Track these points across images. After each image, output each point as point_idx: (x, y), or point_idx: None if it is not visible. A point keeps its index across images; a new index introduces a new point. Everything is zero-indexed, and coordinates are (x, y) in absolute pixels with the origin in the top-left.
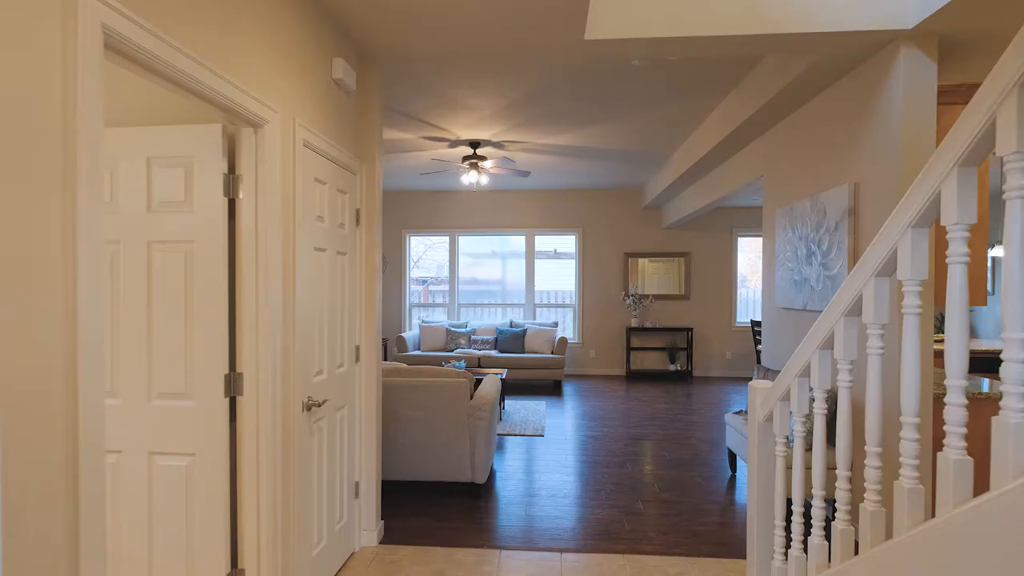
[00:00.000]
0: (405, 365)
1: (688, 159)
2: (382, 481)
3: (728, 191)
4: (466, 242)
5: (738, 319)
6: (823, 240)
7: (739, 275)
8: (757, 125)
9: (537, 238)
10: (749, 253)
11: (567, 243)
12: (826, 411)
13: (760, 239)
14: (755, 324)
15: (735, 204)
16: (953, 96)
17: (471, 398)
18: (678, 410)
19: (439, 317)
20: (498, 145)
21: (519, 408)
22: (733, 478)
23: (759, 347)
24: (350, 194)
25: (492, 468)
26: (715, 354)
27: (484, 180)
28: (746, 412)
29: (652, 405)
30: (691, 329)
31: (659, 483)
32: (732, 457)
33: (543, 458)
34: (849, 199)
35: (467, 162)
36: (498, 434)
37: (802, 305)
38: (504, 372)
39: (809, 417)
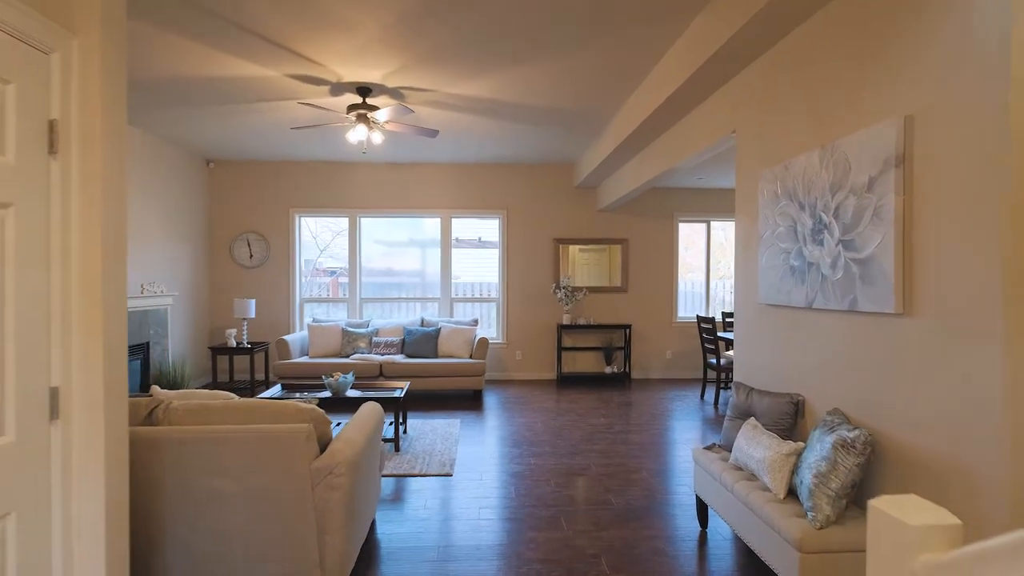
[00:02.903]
0: (224, 396)
1: (634, 119)
2: None
3: (683, 159)
4: (379, 227)
5: (679, 313)
6: (844, 207)
7: (679, 264)
8: (732, 59)
9: (455, 221)
10: (687, 240)
11: (491, 229)
12: None
13: (703, 225)
14: (702, 320)
15: (676, 185)
16: None
17: (321, 452)
18: (619, 427)
19: (340, 314)
20: (395, 93)
21: (426, 431)
22: (705, 536)
23: (728, 352)
24: (23, 86)
25: (375, 538)
26: (655, 353)
27: (378, 138)
28: (718, 446)
29: (588, 420)
30: (629, 326)
31: (608, 555)
32: (702, 508)
33: (448, 517)
34: (897, 142)
35: (354, 112)
36: (393, 475)
37: (805, 301)
38: (403, 388)
39: None
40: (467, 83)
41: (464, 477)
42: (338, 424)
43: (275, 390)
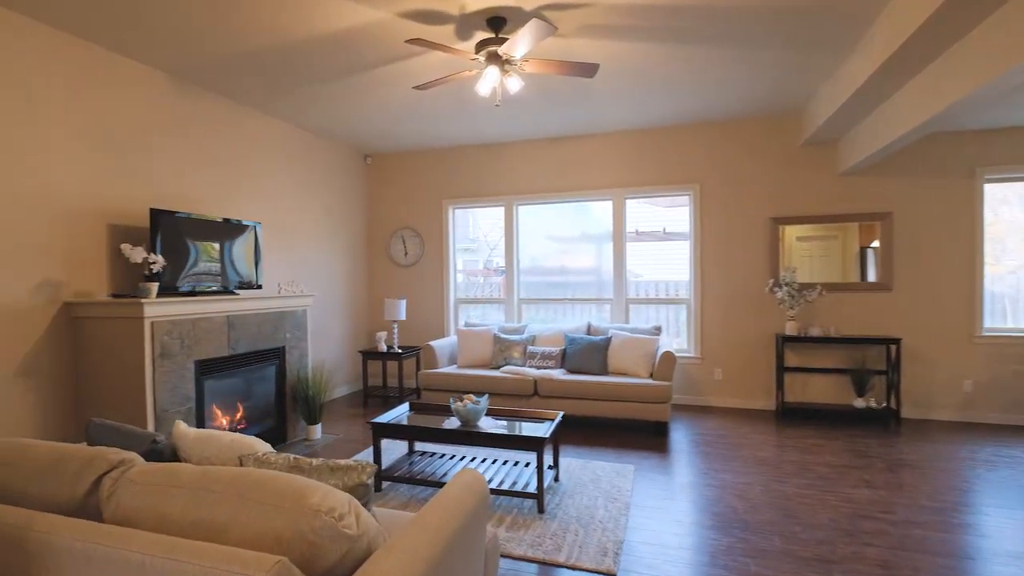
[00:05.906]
0: (243, 449)
1: None
2: None
3: None
4: (549, 222)
5: (986, 323)
6: None
7: (984, 248)
8: None
9: (631, 203)
10: (1008, 209)
11: (678, 217)
12: None
13: None
14: None
15: (972, 126)
16: None
17: None
18: (904, 510)
19: (497, 317)
20: (536, 16)
21: (585, 482)
22: None
23: None
24: None
25: None
26: (941, 383)
27: (515, 85)
28: None
29: (840, 488)
30: (896, 341)
31: None
32: None
33: None
34: None
35: (483, 52)
36: (526, 559)
37: None
38: (554, 422)
39: None
40: None
41: None
42: (463, 460)
43: (401, 410)
